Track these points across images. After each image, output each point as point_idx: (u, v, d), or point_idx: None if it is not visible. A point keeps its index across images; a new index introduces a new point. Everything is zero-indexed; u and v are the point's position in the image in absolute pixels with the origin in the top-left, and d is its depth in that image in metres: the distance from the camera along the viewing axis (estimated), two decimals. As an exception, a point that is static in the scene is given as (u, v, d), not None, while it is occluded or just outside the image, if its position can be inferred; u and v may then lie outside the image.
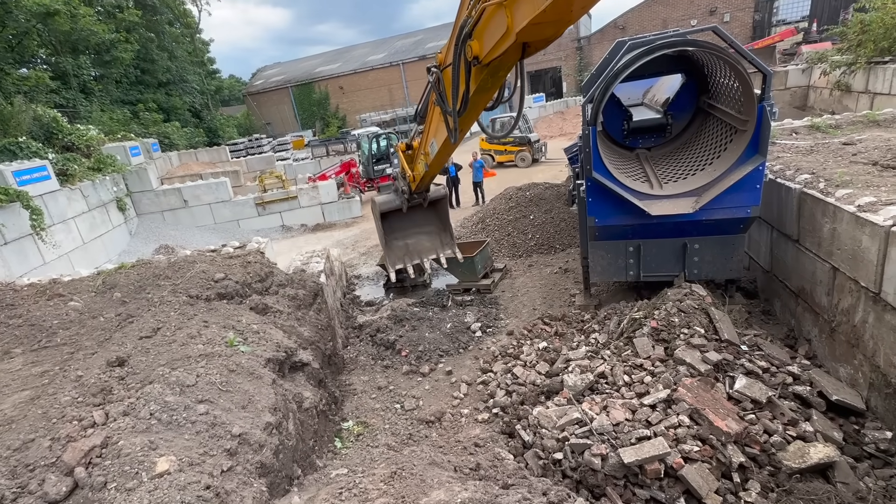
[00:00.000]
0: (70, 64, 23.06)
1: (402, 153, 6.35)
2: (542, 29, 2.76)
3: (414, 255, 6.87)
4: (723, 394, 3.81)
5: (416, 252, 6.91)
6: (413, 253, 6.89)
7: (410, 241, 6.95)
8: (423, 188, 6.49)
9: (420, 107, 5.32)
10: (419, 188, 6.38)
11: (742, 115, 4.90)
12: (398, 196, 6.58)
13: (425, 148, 5.48)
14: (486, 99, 3.96)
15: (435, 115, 4.88)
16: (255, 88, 49.15)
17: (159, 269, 5.60)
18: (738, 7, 30.51)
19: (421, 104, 5.26)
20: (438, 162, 5.49)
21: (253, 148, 29.67)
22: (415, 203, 6.66)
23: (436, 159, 5.34)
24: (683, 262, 5.44)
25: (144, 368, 3.42)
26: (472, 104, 3.91)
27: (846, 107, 13.50)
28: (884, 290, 3.65)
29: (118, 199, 13.69)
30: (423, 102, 5.18)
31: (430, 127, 5.18)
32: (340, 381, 5.85)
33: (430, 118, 5.05)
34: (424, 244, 6.99)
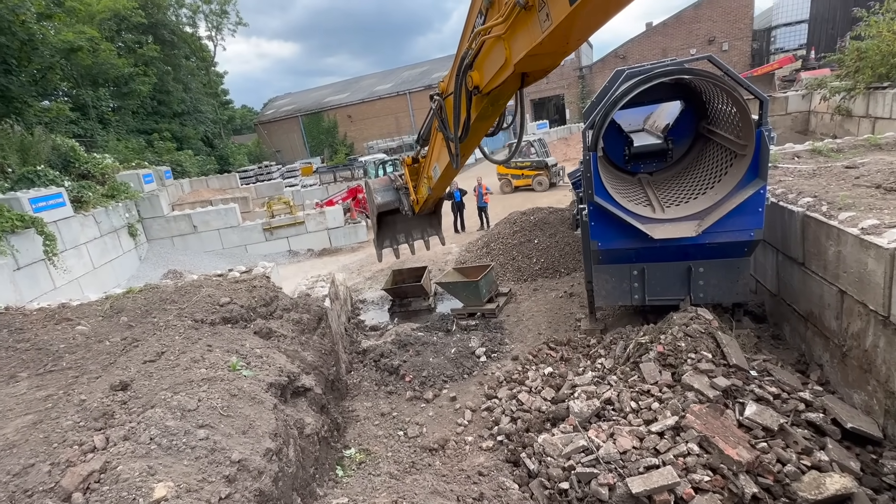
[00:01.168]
0: (90, 96, 24.01)
1: (407, 167, 6.41)
2: (540, 60, 2.86)
3: (400, 235, 7.24)
4: (733, 421, 3.72)
5: (403, 233, 7.27)
6: (399, 233, 7.25)
7: (399, 226, 7.26)
8: (427, 210, 6.62)
9: (423, 131, 5.46)
10: (423, 210, 6.53)
11: (741, 140, 4.97)
12: (397, 195, 6.63)
13: (428, 172, 5.60)
14: (486, 126, 4.08)
15: (437, 141, 5.00)
16: (266, 118, 50.62)
17: (166, 294, 5.65)
18: (737, 36, 31.27)
19: (424, 129, 5.40)
20: (441, 186, 5.59)
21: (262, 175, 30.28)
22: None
23: (438, 183, 5.44)
24: (689, 285, 5.41)
25: (147, 392, 3.42)
26: (473, 130, 4.02)
27: (847, 131, 13.60)
28: (893, 314, 3.59)
29: (129, 226, 13.96)
30: (426, 127, 5.32)
31: (432, 152, 5.30)
32: (343, 407, 5.78)
33: (433, 143, 5.18)
34: (412, 225, 7.30)
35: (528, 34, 2.69)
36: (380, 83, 48.74)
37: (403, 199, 6.55)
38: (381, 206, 6.58)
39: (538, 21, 2.54)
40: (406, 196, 6.51)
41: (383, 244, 7.16)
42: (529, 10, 2.58)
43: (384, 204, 6.60)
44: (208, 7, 37.61)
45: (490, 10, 3.07)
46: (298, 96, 55.75)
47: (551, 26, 2.44)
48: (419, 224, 7.26)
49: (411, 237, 7.28)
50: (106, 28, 25.10)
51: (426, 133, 5.39)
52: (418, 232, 7.31)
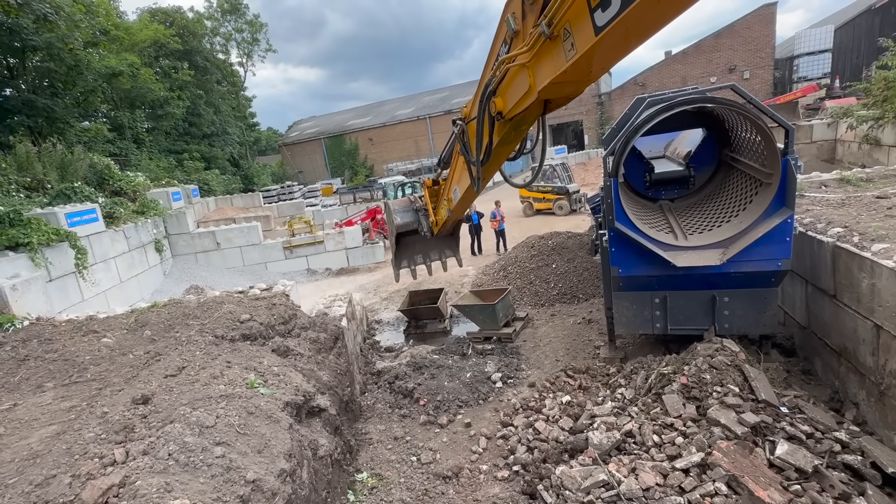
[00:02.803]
0: (126, 117, 25.28)
1: (427, 189, 6.42)
2: (563, 88, 2.90)
3: (418, 255, 7.25)
4: (763, 460, 3.54)
5: (421, 253, 7.27)
6: (417, 253, 7.27)
7: (418, 246, 7.27)
8: (446, 232, 6.60)
9: (444, 154, 5.52)
10: (441, 232, 6.51)
11: (766, 169, 4.90)
12: (416, 217, 6.69)
13: (448, 194, 5.63)
14: (508, 150, 4.12)
15: (458, 164, 5.05)
16: (290, 140, 52.29)
17: (189, 309, 5.77)
18: (758, 65, 31.22)
19: (445, 152, 5.47)
20: (461, 208, 5.60)
21: (284, 194, 31.09)
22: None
23: (458, 205, 5.47)
24: (713, 315, 5.26)
25: (167, 407, 3.46)
26: (494, 155, 4.06)
27: (877, 160, 13.28)
28: (935, 352, 3.41)
29: (156, 241, 14.41)
30: (448, 151, 5.39)
31: (453, 174, 5.35)
32: (356, 430, 5.72)
33: (454, 166, 5.23)
34: (430, 245, 7.31)
35: (552, 63, 2.74)
36: (401, 108, 50.02)
37: (423, 220, 6.55)
38: (399, 227, 6.59)
39: (563, 50, 2.60)
40: (425, 217, 6.51)
41: (401, 264, 7.13)
42: (554, 40, 2.64)
43: (403, 225, 6.61)
44: (241, 36, 39.63)
45: (515, 40, 3.16)
46: (322, 119, 57.56)
47: (575, 56, 2.49)
48: (437, 245, 7.23)
49: (429, 258, 7.24)
50: (146, 55, 26.62)
51: (447, 156, 5.46)
52: (436, 253, 7.25)
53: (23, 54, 18.53)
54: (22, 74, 19.36)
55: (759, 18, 30.75)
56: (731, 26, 31.80)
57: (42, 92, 19.61)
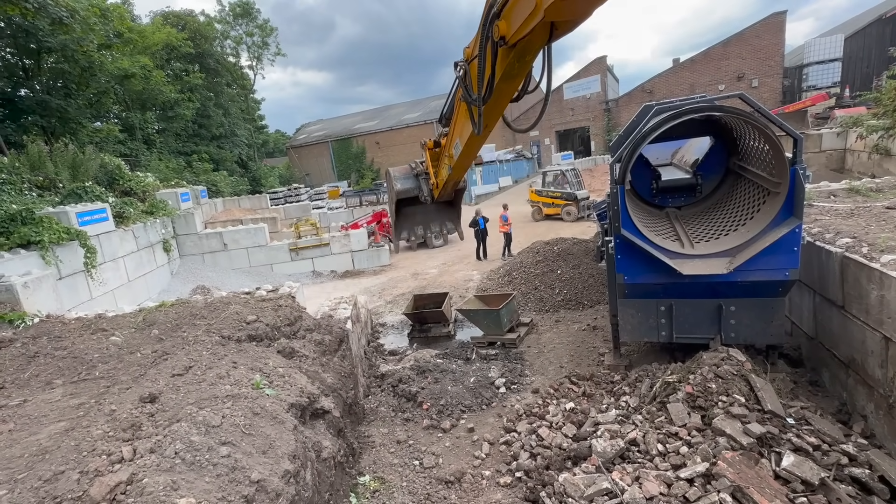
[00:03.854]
0: (138, 119, 25.60)
1: (428, 151, 6.25)
2: (571, 6, 2.78)
3: (419, 227, 7.25)
4: (768, 471, 3.51)
5: (422, 225, 7.28)
6: (418, 225, 7.26)
7: (419, 217, 7.24)
8: (446, 196, 6.41)
9: (445, 109, 5.29)
10: (441, 196, 6.34)
11: (774, 178, 4.89)
12: (417, 183, 6.52)
13: (449, 150, 5.42)
14: (512, 87, 3.82)
15: (460, 115, 4.80)
16: (297, 142, 52.65)
17: (196, 309, 5.83)
18: (767, 73, 31.07)
19: (447, 106, 5.23)
20: (462, 165, 5.38)
21: (291, 196, 31.27)
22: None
23: (459, 161, 5.23)
24: (719, 324, 5.24)
25: (174, 406, 3.49)
26: (496, 93, 3.80)
27: (887, 170, 13.16)
28: (944, 365, 3.38)
29: (165, 241, 14.55)
30: (449, 104, 5.14)
31: (454, 128, 5.11)
32: (359, 433, 5.73)
33: (455, 119, 4.99)
34: (431, 218, 7.31)
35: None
36: (408, 112, 50.26)
37: (423, 184, 6.42)
38: (399, 193, 6.49)
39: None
40: (426, 181, 6.35)
41: (400, 234, 7.16)
42: None
43: (403, 191, 6.50)
44: (251, 39, 40.06)
45: None
46: (329, 122, 57.95)
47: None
48: (438, 217, 7.23)
49: (430, 230, 7.28)
50: (157, 57, 26.98)
51: (448, 111, 5.20)
52: (437, 225, 7.27)
53: (38, 55, 18.84)
54: (37, 75, 19.68)
55: (768, 27, 30.64)
56: (740, 34, 31.69)
57: (56, 92, 19.92)
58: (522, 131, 4.08)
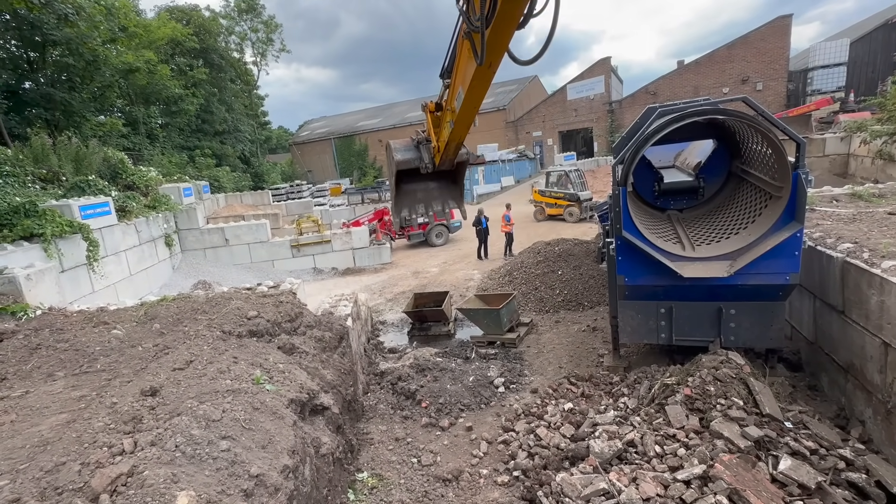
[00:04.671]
0: (141, 113, 25.65)
1: (429, 114, 5.90)
2: None
3: (420, 204, 6.86)
4: (765, 475, 3.52)
5: (423, 202, 6.88)
6: (419, 202, 6.87)
7: (420, 191, 6.86)
8: (448, 161, 5.99)
9: (446, 61, 4.84)
10: (443, 162, 5.96)
11: (777, 182, 4.89)
12: (418, 154, 6.22)
13: (451, 102, 4.99)
14: (516, 9, 3.51)
15: (462, 58, 4.39)
16: (300, 139, 52.71)
17: (197, 304, 5.85)
18: (771, 77, 30.99)
19: (447, 58, 4.80)
20: (464, 118, 4.90)
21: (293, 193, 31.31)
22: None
23: (461, 113, 4.78)
24: (719, 327, 5.25)
25: (174, 400, 3.52)
26: (500, 15, 3.52)
27: (890, 176, 13.13)
28: (943, 371, 3.38)
29: (167, 236, 14.59)
30: (451, 52, 4.69)
31: (456, 77, 4.69)
32: (358, 429, 5.76)
33: (457, 65, 4.59)
34: (433, 195, 6.93)
35: None
36: (411, 110, 50.24)
37: (424, 152, 6.09)
38: (400, 164, 6.14)
39: None
40: (427, 149, 6.03)
41: (401, 211, 6.76)
42: None
43: (403, 161, 6.16)
44: (256, 35, 40.07)
45: None
46: (332, 120, 57.99)
47: None
48: (440, 195, 6.87)
49: (431, 207, 6.87)
50: (162, 52, 27.01)
51: (449, 63, 4.82)
52: (438, 203, 6.88)
53: (43, 48, 18.89)
54: (41, 68, 19.73)
55: (773, 30, 30.55)
56: (745, 37, 31.61)
57: (60, 86, 19.96)
58: (527, 62, 3.55)
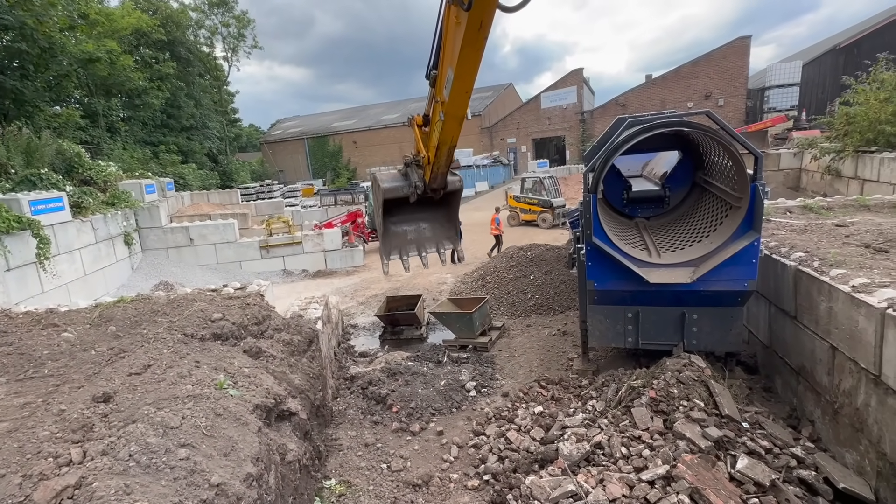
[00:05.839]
0: (101, 105, 24.43)
1: (416, 128, 5.34)
2: None
3: (412, 245, 5.97)
4: (724, 473, 3.66)
5: (416, 243, 5.97)
6: (411, 243, 5.98)
7: (411, 230, 5.98)
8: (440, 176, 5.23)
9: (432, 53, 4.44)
10: (434, 175, 5.18)
11: (736, 193, 5.12)
12: (406, 182, 5.48)
13: (440, 92, 4.49)
14: None
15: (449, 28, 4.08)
16: (272, 138, 51.52)
17: (158, 306, 5.59)
18: (732, 94, 32.64)
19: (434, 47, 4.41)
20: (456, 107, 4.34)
21: (263, 193, 30.55)
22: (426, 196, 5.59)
23: (452, 100, 4.29)
24: (682, 331, 5.43)
25: (130, 406, 3.33)
26: None
27: (837, 190, 14.03)
28: (884, 374, 3.61)
29: (126, 234, 13.91)
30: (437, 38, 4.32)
31: (444, 55, 4.32)
32: (326, 435, 5.62)
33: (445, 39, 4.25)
34: (426, 235, 6.03)
35: None
36: (387, 112, 50.02)
37: (412, 174, 5.36)
38: (387, 192, 5.34)
39: None
40: (415, 170, 5.33)
41: (390, 253, 5.81)
42: None
43: (391, 189, 5.37)
44: (227, 30, 38.97)
45: None
46: (306, 119, 56.98)
47: None
48: (433, 234, 6.03)
49: (424, 248, 5.93)
50: (126, 42, 25.85)
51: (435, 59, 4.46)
52: (432, 243, 5.99)
53: (-8, 32, 17.73)
54: (-11, 53, 18.51)
55: (734, 49, 32.22)
56: (708, 55, 33.20)
57: (11, 73, 18.77)
58: (512, 10, 3.37)
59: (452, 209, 6.00)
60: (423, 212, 5.90)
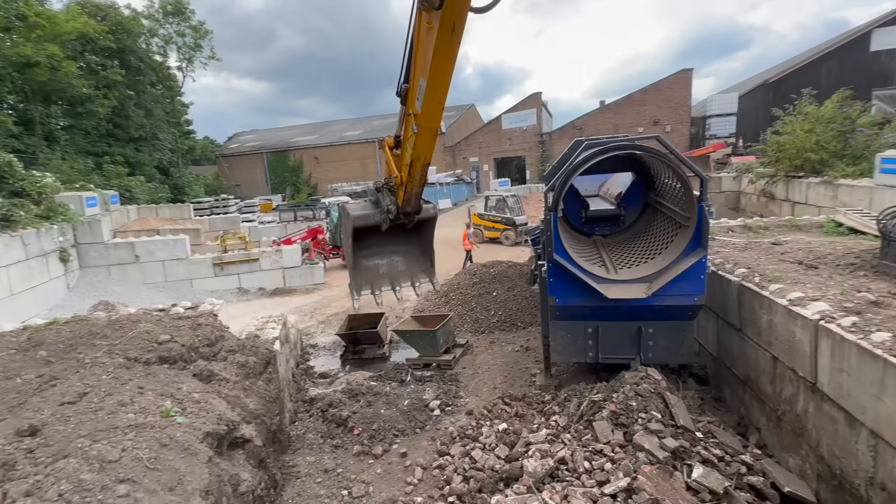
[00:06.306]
0: (39, 112, 22.80)
1: (388, 150, 5.17)
2: None
3: (384, 279, 5.65)
4: (681, 483, 3.76)
5: (389, 277, 5.67)
6: (384, 277, 5.65)
7: (383, 264, 5.71)
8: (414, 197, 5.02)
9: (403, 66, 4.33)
10: (409, 197, 4.97)
11: (685, 212, 5.44)
12: (377, 210, 5.26)
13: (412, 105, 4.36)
14: None
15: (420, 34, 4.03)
16: (229, 151, 49.84)
17: (97, 328, 5.17)
18: (678, 121, 35.03)
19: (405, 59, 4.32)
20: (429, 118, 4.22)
21: (218, 208, 29.31)
22: (398, 222, 5.37)
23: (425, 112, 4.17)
24: (639, 345, 5.62)
25: (61, 440, 3.02)
26: None
27: (772, 211, 15.23)
28: (819, 381, 3.89)
29: (62, 250, 12.88)
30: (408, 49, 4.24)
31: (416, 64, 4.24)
32: (283, 462, 5.34)
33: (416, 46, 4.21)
34: (399, 268, 5.73)
35: None
36: (350, 129, 49.77)
37: (385, 198, 5.15)
38: (357, 220, 5.17)
39: None
40: (386, 194, 5.13)
41: (361, 288, 5.45)
42: None
43: (360, 217, 5.20)
44: (182, 40, 37.68)
45: None
46: (265, 133, 55.66)
47: None
48: (407, 266, 5.76)
49: (397, 282, 5.61)
50: (70, 47, 24.39)
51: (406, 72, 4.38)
52: (406, 277, 5.69)
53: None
54: None
55: (678, 80, 34.74)
56: (655, 84, 35.59)
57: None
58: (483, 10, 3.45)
59: (426, 239, 5.79)
60: (395, 243, 5.64)
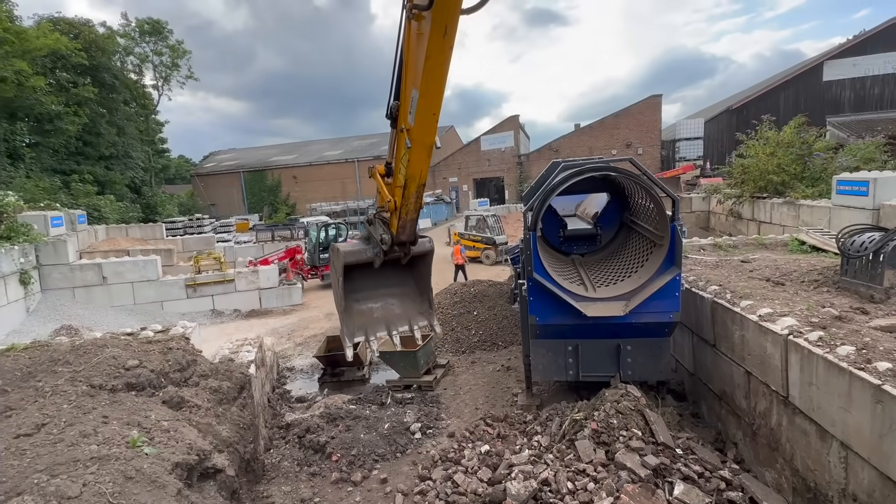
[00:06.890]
0: (3, 129, 22.00)
1: (379, 178, 4.89)
2: None
3: (379, 324, 5.13)
4: (663, 501, 3.77)
5: (384, 321, 5.16)
6: (378, 322, 5.14)
7: (377, 306, 5.20)
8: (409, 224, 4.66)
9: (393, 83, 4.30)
10: (403, 224, 4.61)
11: (658, 232, 5.61)
12: (370, 246, 4.88)
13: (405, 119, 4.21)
14: None
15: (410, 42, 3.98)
16: (204, 170, 49.03)
17: (59, 353, 4.90)
18: (649, 143, 36.48)
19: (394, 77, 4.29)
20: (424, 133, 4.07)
21: (192, 227, 28.61)
22: (393, 256, 4.87)
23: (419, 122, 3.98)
24: (618, 362, 5.69)
25: (15, 475, 2.81)
26: None
27: (740, 230, 15.86)
28: (791, 395, 4.00)
29: (22, 272, 12.26)
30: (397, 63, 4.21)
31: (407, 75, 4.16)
32: (257, 493, 5.10)
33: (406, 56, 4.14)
34: (395, 311, 5.20)
35: None
36: (329, 149, 49.79)
37: (378, 228, 4.77)
38: (347, 256, 4.75)
39: None
40: (379, 224, 4.77)
41: (354, 335, 4.95)
42: None
43: (351, 253, 4.79)
44: (159, 59, 37.32)
45: None
46: (243, 152, 55.06)
47: None
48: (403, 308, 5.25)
49: (394, 326, 5.08)
50: (39, 64, 23.81)
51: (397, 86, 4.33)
52: (403, 320, 5.14)
53: None
54: None
55: (648, 105, 36.36)
56: (627, 109, 37.14)
57: None
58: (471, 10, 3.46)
59: (423, 277, 5.30)
60: (389, 283, 5.20)
